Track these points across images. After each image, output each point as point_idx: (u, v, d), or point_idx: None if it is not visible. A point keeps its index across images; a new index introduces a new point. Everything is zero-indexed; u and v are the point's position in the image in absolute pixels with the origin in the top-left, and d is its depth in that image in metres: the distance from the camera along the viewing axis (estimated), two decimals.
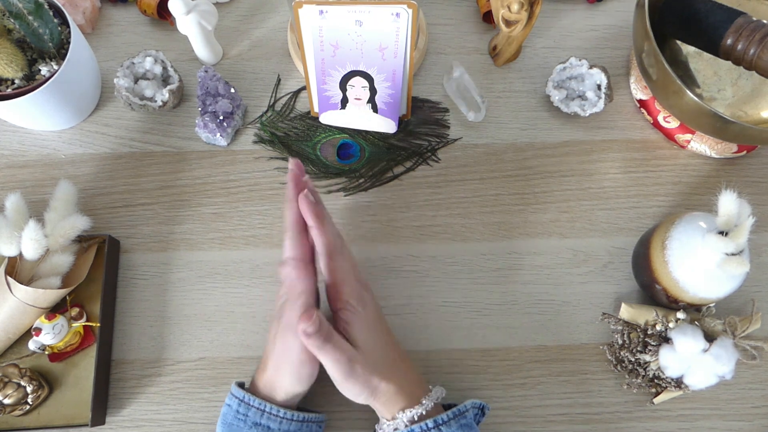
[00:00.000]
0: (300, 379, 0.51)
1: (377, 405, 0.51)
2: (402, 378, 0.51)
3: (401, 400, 0.50)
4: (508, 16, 0.63)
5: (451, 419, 0.50)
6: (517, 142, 0.68)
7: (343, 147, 0.67)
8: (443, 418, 0.50)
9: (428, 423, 0.49)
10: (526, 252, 0.64)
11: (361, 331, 0.51)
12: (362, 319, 0.51)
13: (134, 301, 0.61)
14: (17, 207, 0.56)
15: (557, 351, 0.60)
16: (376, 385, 0.50)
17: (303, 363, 0.50)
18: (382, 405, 0.50)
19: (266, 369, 0.52)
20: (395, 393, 0.50)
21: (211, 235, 0.64)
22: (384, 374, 0.50)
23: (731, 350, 0.54)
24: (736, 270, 0.50)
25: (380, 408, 0.51)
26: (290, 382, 0.51)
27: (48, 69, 0.60)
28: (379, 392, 0.50)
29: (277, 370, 0.51)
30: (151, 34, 0.72)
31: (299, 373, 0.50)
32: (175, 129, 0.68)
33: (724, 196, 0.50)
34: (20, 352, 0.58)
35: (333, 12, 0.55)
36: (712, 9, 0.60)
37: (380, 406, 0.51)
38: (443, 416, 0.50)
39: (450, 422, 0.50)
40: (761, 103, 0.66)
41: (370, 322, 0.52)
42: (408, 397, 0.50)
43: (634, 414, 0.59)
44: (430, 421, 0.49)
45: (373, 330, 0.52)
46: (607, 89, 0.65)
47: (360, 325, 0.51)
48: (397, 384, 0.50)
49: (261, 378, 0.53)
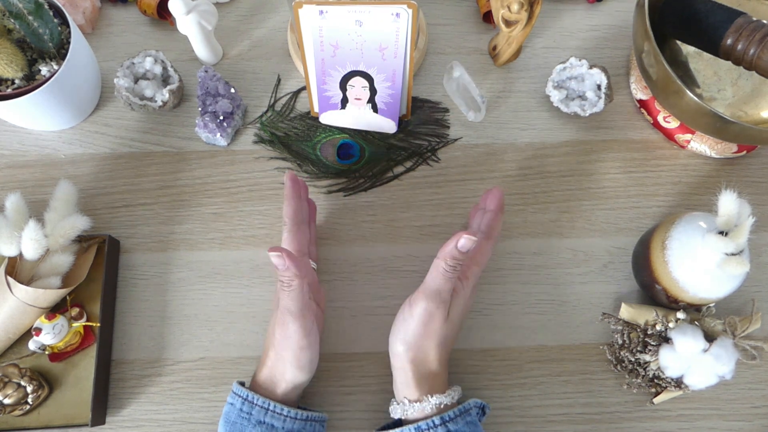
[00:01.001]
0: (301, 367, 0.51)
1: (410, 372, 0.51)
2: (444, 368, 0.52)
3: (434, 384, 0.51)
4: (508, 16, 0.63)
5: (458, 416, 0.50)
6: (517, 142, 0.68)
7: (343, 147, 0.67)
8: (449, 414, 0.50)
9: (435, 420, 0.49)
10: (526, 252, 0.64)
11: (459, 306, 0.53)
12: (465, 301, 0.54)
13: (134, 301, 0.61)
14: (17, 207, 0.56)
15: (557, 351, 0.60)
16: (429, 349, 0.51)
17: (303, 349, 0.51)
18: (414, 376, 0.51)
19: (267, 361, 0.53)
20: (433, 374, 0.51)
21: (211, 235, 0.64)
22: (440, 349, 0.51)
23: (731, 350, 0.54)
24: (736, 270, 0.50)
25: (410, 379, 0.51)
26: (291, 371, 0.51)
27: (48, 69, 0.60)
28: (424, 359, 0.51)
29: (278, 359, 0.52)
30: (151, 34, 0.72)
31: (299, 360, 0.51)
32: (175, 129, 0.68)
33: (724, 196, 0.50)
34: (20, 352, 0.58)
35: (333, 12, 0.55)
36: (712, 9, 0.60)
37: (411, 377, 0.51)
38: (449, 413, 0.50)
39: (456, 419, 0.50)
40: (761, 103, 0.66)
41: (466, 310, 0.54)
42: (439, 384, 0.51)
43: (634, 414, 0.59)
44: (436, 417, 0.49)
45: (462, 316, 0.54)
46: (607, 89, 0.65)
47: (462, 303, 0.53)
48: (440, 367, 0.52)
49: (262, 372, 0.53)
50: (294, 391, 0.53)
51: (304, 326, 0.50)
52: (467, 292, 0.54)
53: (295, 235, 0.55)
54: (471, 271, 0.54)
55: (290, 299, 0.50)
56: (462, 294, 0.53)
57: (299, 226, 0.56)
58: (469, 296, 0.54)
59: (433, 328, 0.51)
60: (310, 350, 0.51)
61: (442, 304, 0.50)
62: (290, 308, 0.50)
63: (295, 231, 0.55)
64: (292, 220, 0.56)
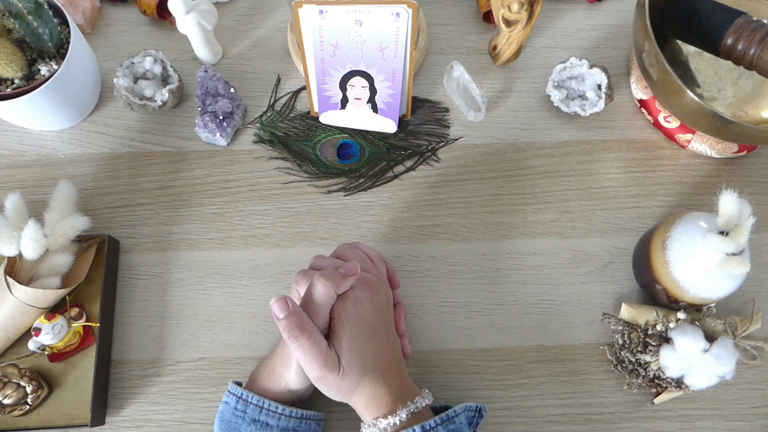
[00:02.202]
0: (301, 377, 0.51)
1: (355, 407, 0.50)
2: (381, 387, 0.49)
3: (378, 407, 0.49)
4: (508, 16, 0.62)
5: (439, 425, 0.48)
6: (517, 142, 0.68)
7: (343, 147, 0.67)
8: (430, 423, 0.48)
9: (416, 429, 0.47)
10: (526, 252, 0.63)
11: (347, 338, 0.48)
12: (351, 324, 0.49)
13: (134, 301, 0.61)
14: (17, 207, 0.56)
15: (557, 351, 0.60)
16: (351, 390, 0.48)
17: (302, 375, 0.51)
18: (359, 408, 0.50)
19: (272, 357, 0.53)
20: (372, 399, 0.49)
21: (211, 235, 0.64)
22: (364, 379, 0.48)
23: (731, 350, 0.54)
24: (737, 270, 0.50)
25: (359, 410, 0.50)
26: (291, 377, 0.51)
27: (48, 69, 0.60)
28: (355, 397, 0.49)
29: (282, 359, 0.52)
30: (150, 33, 0.72)
31: (301, 371, 0.50)
32: (175, 129, 0.68)
33: (724, 196, 0.50)
34: (20, 352, 0.58)
35: (333, 12, 0.55)
36: (712, 9, 0.60)
37: (359, 409, 0.50)
38: (430, 422, 0.48)
39: (437, 428, 0.48)
40: (761, 102, 0.66)
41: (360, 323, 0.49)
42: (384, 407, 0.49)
43: (634, 414, 0.59)
44: (417, 427, 0.47)
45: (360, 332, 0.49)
46: (608, 89, 0.65)
47: (347, 329, 0.49)
48: (376, 390, 0.49)
49: (264, 367, 0.53)
50: (289, 394, 0.53)
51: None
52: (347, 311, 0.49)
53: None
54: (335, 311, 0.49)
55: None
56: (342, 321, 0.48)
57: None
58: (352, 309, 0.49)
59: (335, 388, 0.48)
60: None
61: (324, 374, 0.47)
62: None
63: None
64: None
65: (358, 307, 0.49)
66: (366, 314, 0.50)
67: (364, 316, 0.49)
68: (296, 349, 0.46)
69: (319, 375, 0.47)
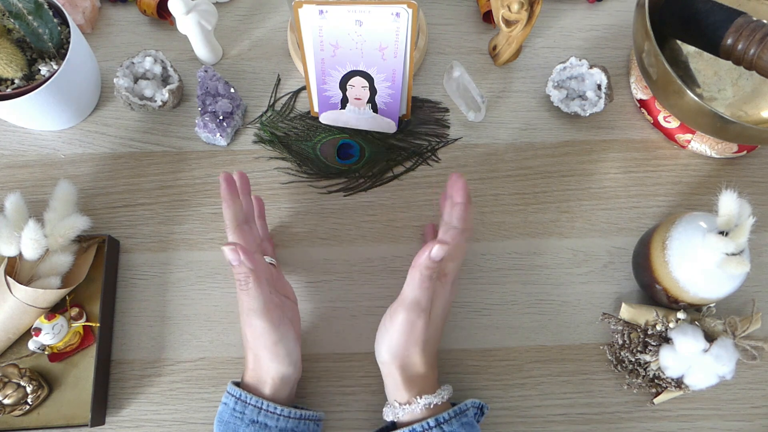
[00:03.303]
0: (280, 359, 0.51)
1: (398, 376, 0.51)
2: (431, 368, 0.52)
3: (422, 385, 0.51)
4: (508, 16, 0.62)
5: (452, 417, 0.50)
6: (517, 142, 0.68)
7: (343, 147, 0.67)
8: (444, 416, 0.50)
9: (429, 422, 0.49)
10: (526, 252, 0.63)
11: (439, 306, 0.52)
12: (445, 300, 0.53)
13: (134, 301, 0.61)
14: (17, 207, 0.56)
15: (557, 351, 0.60)
16: (413, 354, 0.51)
17: (276, 343, 0.50)
18: (402, 379, 0.51)
19: (248, 364, 0.53)
20: (420, 375, 0.51)
21: (211, 235, 0.64)
22: (425, 352, 0.51)
23: (731, 350, 0.54)
24: (737, 270, 0.50)
25: (398, 382, 0.51)
26: (273, 366, 0.51)
27: (48, 69, 0.60)
28: (410, 362, 0.51)
29: (257, 360, 0.52)
30: (150, 33, 0.72)
31: (277, 354, 0.50)
32: (175, 129, 0.68)
33: (724, 196, 0.50)
34: (20, 352, 0.58)
35: (333, 12, 0.55)
36: (712, 9, 0.60)
37: (400, 380, 0.51)
38: (444, 414, 0.50)
39: (451, 420, 0.50)
40: (761, 102, 0.66)
41: (447, 306, 0.54)
42: (429, 385, 0.51)
43: (634, 414, 0.59)
44: (431, 419, 0.49)
45: (443, 315, 0.53)
46: (608, 89, 0.65)
47: (441, 301, 0.53)
48: (427, 368, 0.51)
49: (246, 375, 0.53)
50: (283, 387, 0.52)
51: (270, 321, 0.50)
52: (447, 289, 0.53)
53: (238, 236, 0.54)
54: (448, 267, 0.54)
55: (250, 297, 0.50)
56: (441, 293, 0.53)
57: (241, 226, 0.54)
58: (450, 293, 0.54)
59: (416, 335, 0.50)
60: (284, 342, 0.51)
61: (422, 313, 0.50)
62: (252, 307, 0.50)
63: (238, 232, 0.54)
64: (233, 222, 0.54)
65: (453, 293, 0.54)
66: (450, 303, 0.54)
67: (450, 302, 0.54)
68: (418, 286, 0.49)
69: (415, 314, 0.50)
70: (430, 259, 0.48)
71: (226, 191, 0.54)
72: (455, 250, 0.54)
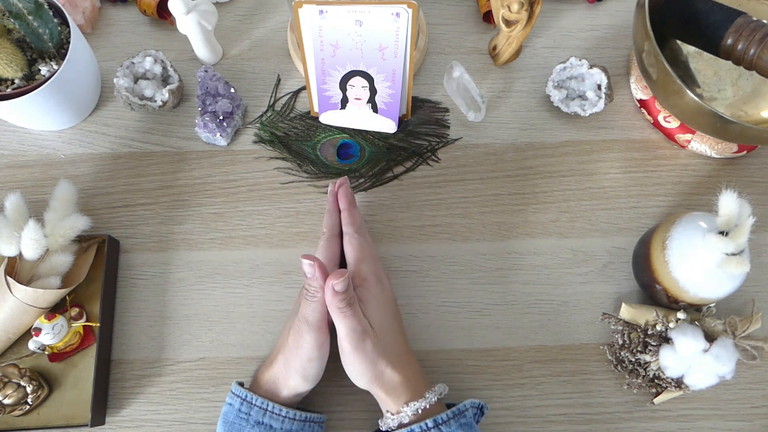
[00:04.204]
0: (306, 378, 0.51)
1: (380, 393, 0.51)
2: (407, 370, 0.52)
3: (406, 391, 0.50)
4: (508, 16, 0.62)
5: (451, 418, 0.50)
6: (517, 142, 0.68)
7: (343, 147, 0.67)
8: (443, 417, 0.50)
9: (428, 422, 0.49)
10: (526, 252, 0.63)
11: (376, 311, 0.52)
12: (379, 300, 0.53)
13: (134, 301, 0.61)
14: (17, 207, 0.56)
15: (557, 351, 0.60)
16: (382, 369, 0.50)
17: (312, 360, 0.51)
18: (385, 393, 0.51)
19: (274, 364, 0.53)
20: (400, 383, 0.50)
21: (211, 235, 0.64)
22: (392, 360, 0.51)
23: (731, 350, 0.54)
24: (737, 270, 0.50)
25: (384, 397, 0.51)
26: (296, 380, 0.51)
27: (48, 69, 0.60)
28: (384, 378, 0.50)
29: (285, 366, 0.52)
30: (151, 33, 0.72)
31: (306, 371, 0.51)
32: (175, 129, 0.68)
33: (724, 196, 0.50)
34: (20, 352, 0.58)
35: (333, 12, 0.55)
36: (712, 9, 0.60)
37: (383, 395, 0.51)
38: (442, 415, 0.50)
39: (450, 421, 0.50)
40: (761, 102, 0.66)
41: (386, 305, 0.54)
42: (412, 390, 0.51)
43: (634, 414, 0.59)
44: (429, 420, 0.49)
45: (387, 314, 0.53)
46: (607, 89, 0.65)
47: (376, 304, 0.52)
48: (402, 374, 0.51)
49: (266, 372, 0.53)
50: (295, 398, 0.53)
51: (317, 339, 0.51)
52: (374, 291, 0.53)
53: (330, 245, 0.56)
54: (363, 271, 0.54)
55: (310, 309, 0.50)
56: (370, 296, 0.52)
57: (334, 237, 0.56)
58: (381, 292, 0.53)
59: (371, 354, 0.50)
60: (318, 363, 0.51)
61: (362, 335, 0.49)
62: (308, 318, 0.50)
63: (332, 241, 0.56)
64: (330, 230, 0.56)
65: (385, 290, 0.54)
66: (389, 298, 0.54)
67: (388, 297, 0.54)
68: (343, 320, 0.49)
69: (359, 340, 0.49)
70: (336, 292, 0.48)
71: (332, 204, 0.58)
72: (360, 253, 0.54)
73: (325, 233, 0.57)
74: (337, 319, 0.49)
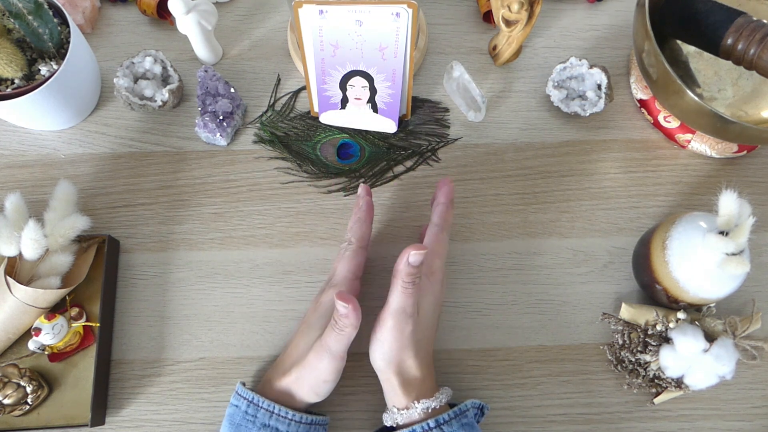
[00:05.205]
0: (318, 395, 0.52)
1: (395, 381, 0.51)
2: (425, 370, 0.52)
3: (418, 388, 0.51)
4: (508, 15, 0.62)
5: (452, 418, 0.50)
6: (517, 142, 0.68)
7: (343, 147, 0.67)
8: (444, 417, 0.50)
9: (429, 422, 0.49)
10: (526, 252, 0.63)
11: (429, 305, 0.53)
12: (436, 297, 0.53)
13: (134, 301, 0.61)
14: (17, 207, 0.56)
15: (557, 351, 0.60)
16: (407, 358, 0.51)
17: (326, 382, 0.52)
18: (399, 384, 0.51)
19: (288, 375, 0.52)
20: (416, 378, 0.51)
21: (211, 235, 0.64)
22: (419, 354, 0.51)
23: (731, 350, 0.54)
24: (737, 270, 0.50)
25: (396, 387, 0.51)
26: (308, 396, 0.52)
27: (48, 69, 0.60)
28: (405, 367, 0.51)
29: (299, 381, 0.52)
30: (150, 33, 0.72)
31: (319, 389, 0.52)
32: (175, 129, 0.68)
33: (724, 196, 0.50)
34: (20, 352, 0.58)
35: (333, 12, 0.55)
36: (712, 9, 0.60)
37: (397, 385, 0.51)
38: (444, 416, 0.50)
39: (451, 421, 0.50)
40: (761, 102, 0.66)
41: (437, 306, 0.54)
42: (425, 389, 0.51)
43: (634, 414, 0.59)
44: (431, 420, 0.49)
45: (434, 314, 0.53)
46: (608, 89, 0.65)
47: (431, 300, 0.53)
48: (421, 370, 0.51)
49: (280, 380, 0.53)
50: (303, 407, 0.53)
51: (337, 366, 0.51)
52: (436, 287, 0.53)
53: (356, 257, 0.56)
54: (435, 265, 0.54)
55: (336, 341, 0.50)
56: (430, 290, 0.53)
57: (363, 248, 0.56)
58: (439, 291, 0.54)
59: (407, 340, 0.50)
60: (330, 384, 0.52)
61: (409, 318, 0.50)
62: (331, 348, 0.50)
63: (359, 253, 0.56)
64: (360, 242, 0.56)
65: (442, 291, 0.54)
66: (440, 302, 0.54)
67: (440, 301, 0.54)
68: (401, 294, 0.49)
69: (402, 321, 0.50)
70: (410, 265, 0.48)
71: (364, 213, 0.57)
72: (438, 247, 0.54)
73: (353, 244, 0.56)
74: (395, 292, 0.49)
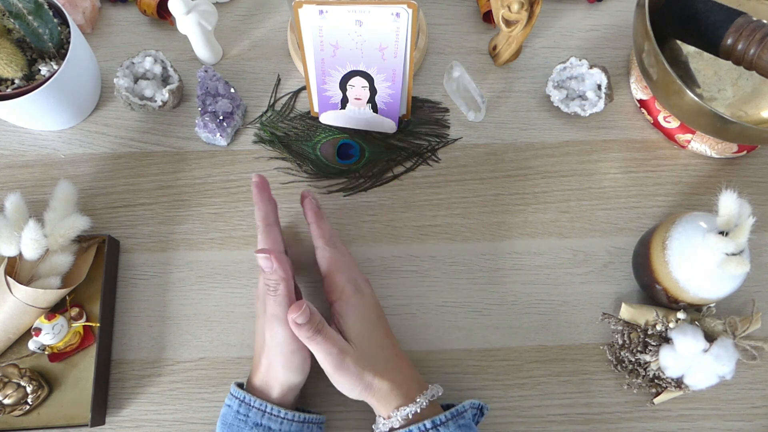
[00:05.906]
0: (293, 369, 0.51)
1: (372, 401, 0.51)
2: (397, 375, 0.51)
3: (397, 397, 0.50)
4: (508, 16, 0.62)
5: (449, 420, 0.50)
6: (517, 142, 0.68)
7: (343, 147, 0.67)
8: (441, 418, 0.49)
9: (426, 423, 0.49)
10: (526, 252, 0.63)
11: (355, 322, 0.52)
12: (358, 310, 0.53)
13: (134, 301, 0.61)
14: (17, 207, 0.56)
15: (557, 351, 0.60)
16: (370, 380, 0.50)
17: (294, 352, 0.51)
18: (377, 401, 0.51)
19: (259, 366, 0.52)
20: (389, 390, 0.50)
21: (211, 235, 0.64)
22: (378, 370, 0.50)
23: (731, 350, 0.54)
24: (737, 270, 0.50)
25: (376, 404, 0.51)
26: (284, 374, 0.51)
27: (48, 69, 0.60)
28: (373, 388, 0.50)
29: (269, 364, 0.52)
30: (151, 33, 0.72)
31: (292, 363, 0.51)
32: (175, 129, 0.68)
33: (724, 196, 0.50)
34: (20, 352, 0.58)
35: (333, 12, 0.55)
36: (712, 9, 0.60)
37: (375, 403, 0.51)
38: (441, 417, 0.50)
39: (448, 423, 0.49)
40: (761, 103, 0.66)
41: (367, 314, 0.53)
42: (404, 395, 0.50)
43: (634, 414, 0.59)
44: (428, 421, 0.49)
45: (368, 323, 0.53)
46: (607, 89, 0.65)
47: (354, 316, 0.52)
48: (391, 381, 0.50)
49: (255, 377, 0.53)
50: (290, 393, 0.53)
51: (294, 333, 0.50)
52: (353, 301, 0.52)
53: (269, 235, 0.55)
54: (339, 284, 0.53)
55: (277, 305, 0.50)
56: (349, 310, 0.52)
57: (272, 226, 0.55)
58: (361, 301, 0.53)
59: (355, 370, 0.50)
60: (301, 352, 0.51)
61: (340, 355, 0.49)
62: (277, 313, 0.50)
63: (269, 231, 0.55)
64: (264, 221, 0.55)
65: (365, 297, 0.54)
66: (369, 305, 0.54)
67: (369, 304, 0.54)
68: (316, 347, 0.49)
69: (338, 361, 0.49)
70: (300, 325, 0.48)
71: (258, 195, 0.56)
72: (334, 264, 0.54)
73: (260, 225, 0.55)
74: (311, 347, 0.49)
